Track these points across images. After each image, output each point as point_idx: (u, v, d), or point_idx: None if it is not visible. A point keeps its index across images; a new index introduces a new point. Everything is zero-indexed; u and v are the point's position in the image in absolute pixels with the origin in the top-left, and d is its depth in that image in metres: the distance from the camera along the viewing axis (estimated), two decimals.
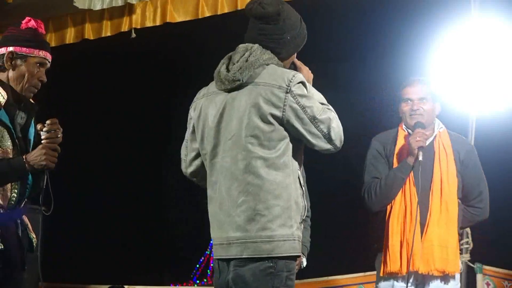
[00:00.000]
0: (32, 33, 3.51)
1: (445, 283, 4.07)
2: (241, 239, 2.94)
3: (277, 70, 3.00)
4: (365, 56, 6.66)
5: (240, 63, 3.02)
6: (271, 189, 2.92)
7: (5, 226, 3.38)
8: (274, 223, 2.91)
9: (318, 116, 2.95)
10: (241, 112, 2.98)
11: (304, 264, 3.98)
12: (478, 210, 4.24)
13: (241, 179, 2.95)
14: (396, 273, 4.03)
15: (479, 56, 5.27)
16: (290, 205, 2.94)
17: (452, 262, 4.04)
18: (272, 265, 2.91)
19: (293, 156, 2.99)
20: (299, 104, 2.94)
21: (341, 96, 6.88)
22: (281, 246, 2.91)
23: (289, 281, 2.95)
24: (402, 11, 6.42)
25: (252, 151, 2.94)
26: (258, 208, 2.92)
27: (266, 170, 2.93)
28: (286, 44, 3.08)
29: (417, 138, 4.03)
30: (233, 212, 2.96)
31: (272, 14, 3.05)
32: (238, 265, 2.96)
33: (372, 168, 4.20)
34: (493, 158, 5.82)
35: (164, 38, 6.80)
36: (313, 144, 2.99)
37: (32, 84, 3.49)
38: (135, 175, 7.89)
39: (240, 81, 2.99)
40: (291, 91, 2.94)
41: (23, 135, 3.46)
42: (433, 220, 4.02)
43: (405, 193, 4.07)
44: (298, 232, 2.99)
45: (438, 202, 4.05)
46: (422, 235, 4.01)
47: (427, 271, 4.01)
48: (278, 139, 2.95)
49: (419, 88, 4.18)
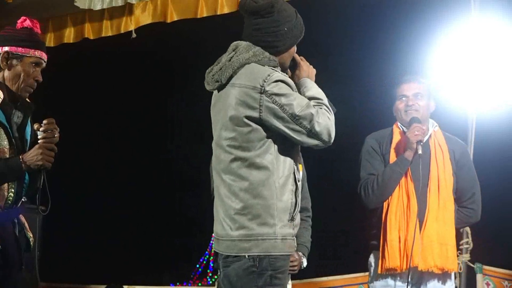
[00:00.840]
0: (28, 32, 3.50)
1: (443, 283, 4.07)
2: (224, 237, 2.98)
3: (254, 69, 2.97)
4: (365, 55, 6.65)
5: (221, 63, 3.03)
6: (250, 188, 2.93)
7: (2, 226, 3.38)
8: (253, 222, 2.91)
9: (299, 113, 2.92)
10: (221, 114, 3.01)
11: (304, 264, 3.98)
12: (471, 211, 4.22)
13: (224, 179, 2.99)
14: (394, 269, 4.00)
15: (479, 55, 5.27)
16: (272, 203, 2.93)
17: (451, 260, 4.04)
18: (254, 263, 2.91)
19: (281, 153, 2.97)
20: (276, 103, 2.92)
21: (340, 93, 6.88)
22: (259, 245, 2.91)
23: (276, 280, 2.93)
24: (402, 10, 6.41)
25: (230, 153, 2.96)
26: (238, 208, 2.93)
27: (244, 170, 2.94)
28: (283, 36, 3.05)
29: (415, 132, 4.01)
30: (219, 210, 3.02)
31: (265, 6, 3.02)
32: (224, 265, 2.99)
33: (367, 164, 4.18)
34: (493, 158, 5.83)
35: (164, 38, 6.80)
36: (298, 140, 2.97)
37: (28, 84, 3.49)
38: (134, 175, 7.89)
39: (219, 82, 3.01)
40: (266, 91, 2.91)
41: (20, 134, 3.46)
42: (431, 216, 4.01)
43: (403, 188, 4.05)
44: (284, 230, 2.96)
45: (436, 198, 4.04)
46: (421, 231, 3.99)
47: (427, 268, 3.99)
48: (258, 139, 2.94)
49: (414, 84, 4.17)
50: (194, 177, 3.11)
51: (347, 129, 6.42)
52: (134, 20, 6.24)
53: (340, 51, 6.74)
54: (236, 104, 2.94)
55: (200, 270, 10.80)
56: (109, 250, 7.75)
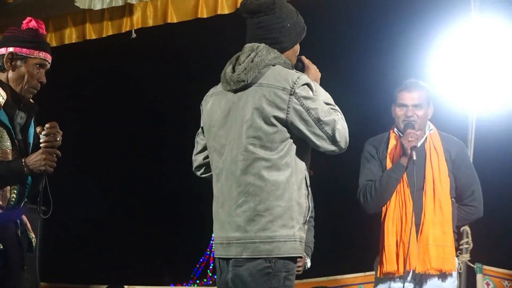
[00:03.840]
0: (33, 33, 3.50)
1: (443, 281, 4.11)
2: (241, 240, 2.94)
3: (282, 71, 2.98)
4: (365, 55, 6.66)
5: (245, 63, 3.01)
6: (272, 189, 2.92)
7: (4, 227, 3.38)
8: (274, 223, 2.91)
9: (323, 118, 2.94)
10: (244, 113, 2.98)
11: (308, 265, 3.99)
12: (472, 209, 4.27)
13: (241, 179, 2.95)
14: (393, 273, 4.06)
15: (479, 56, 5.27)
16: (292, 206, 2.94)
17: (448, 261, 4.08)
18: (270, 265, 2.90)
19: (298, 157, 2.99)
20: (304, 106, 2.93)
21: (342, 96, 6.89)
22: (281, 247, 2.91)
23: (288, 282, 2.94)
24: (402, 11, 6.41)
25: (253, 152, 2.94)
26: (258, 208, 2.92)
27: (267, 171, 2.93)
28: (288, 31, 3.06)
29: (409, 138, 4.06)
30: (233, 212, 2.96)
31: (267, 4, 3.04)
32: (237, 265, 2.96)
33: (366, 171, 4.23)
34: (493, 158, 5.83)
35: (164, 38, 6.80)
36: (317, 145, 2.98)
37: (32, 85, 3.48)
38: (135, 176, 7.89)
39: (245, 82, 2.99)
40: (295, 93, 2.93)
41: (23, 135, 3.46)
42: (427, 221, 4.06)
43: (399, 193, 4.10)
44: (301, 233, 2.97)
45: (432, 202, 4.09)
46: (418, 235, 4.05)
47: (424, 270, 4.05)
48: (281, 140, 2.95)
49: (415, 94, 4.19)
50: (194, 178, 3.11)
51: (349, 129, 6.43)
52: (134, 20, 6.25)
53: (341, 52, 6.74)
54: (265, 104, 2.94)
55: (200, 270, 10.81)
56: (109, 251, 7.76)
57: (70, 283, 7.56)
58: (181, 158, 9.14)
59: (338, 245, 6.75)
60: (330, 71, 6.92)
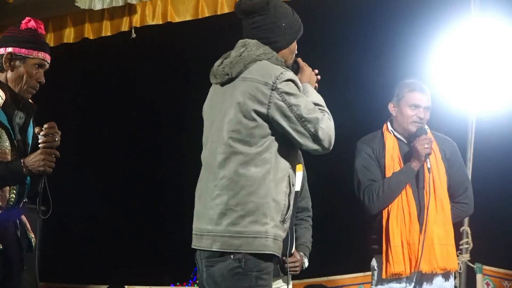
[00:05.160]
0: (32, 34, 3.49)
1: (446, 280, 4.14)
2: (212, 232, 2.93)
3: (267, 66, 2.98)
4: (365, 55, 6.65)
5: (232, 57, 3.03)
6: (247, 184, 2.90)
7: (4, 227, 3.37)
8: (245, 219, 2.89)
9: (305, 115, 2.92)
10: (226, 106, 2.98)
11: (306, 265, 3.98)
12: (465, 206, 4.31)
13: (217, 172, 2.95)
14: (399, 274, 4.07)
15: (479, 56, 5.28)
16: (267, 202, 2.91)
17: (451, 259, 4.12)
18: (240, 264, 2.88)
19: (281, 155, 2.97)
20: (285, 101, 2.92)
21: (341, 94, 6.89)
22: (250, 243, 2.88)
23: (261, 281, 2.91)
24: (402, 11, 6.41)
25: (231, 146, 2.94)
26: (231, 203, 2.90)
27: (243, 165, 2.91)
28: (282, 31, 3.06)
29: (425, 145, 4.05)
30: (208, 205, 2.96)
31: (260, 4, 3.05)
32: (208, 265, 2.96)
33: (366, 171, 4.21)
34: (493, 158, 5.83)
35: (164, 38, 6.80)
36: (300, 143, 2.96)
37: (31, 85, 3.48)
38: (135, 176, 7.89)
39: (229, 76, 3.00)
40: (277, 88, 2.92)
41: (22, 135, 3.45)
42: (431, 220, 4.07)
43: (402, 195, 4.11)
44: (275, 230, 2.94)
45: (434, 201, 4.10)
46: (422, 234, 4.04)
47: (431, 270, 4.07)
48: (261, 135, 2.94)
49: (426, 96, 4.19)
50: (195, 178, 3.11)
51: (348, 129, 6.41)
52: (134, 20, 6.25)
53: (340, 52, 6.74)
54: (246, 98, 2.93)
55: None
56: (110, 251, 7.76)
57: (70, 283, 7.57)
58: (182, 158, 9.16)
59: (337, 245, 6.75)
60: (329, 70, 6.93)
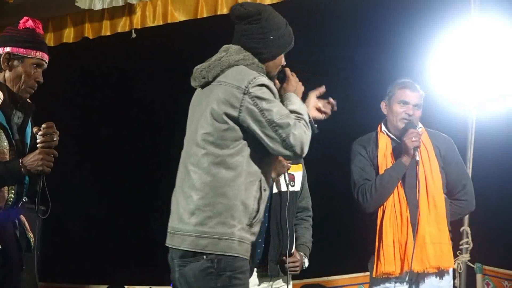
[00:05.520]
0: (30, 33, 3.50)
1: (440, 279, 4.14)
2: (181, 231, 2.98)
3: (243, 70, 3.02)
4: (364, 55, 6.65)
5: (211, 61, 3.08)
6: (217, 186, 2.94)
7: (3, 227, 3.38)
8: (213, 220, 2.92)
9: (277, 120, 2.95)
10: (202, 109, 3.04)
11: (306, 265, 3.99)
12: (464, 203, 4.31)
13: (190, 173, 2.99)
14: (390, 274, 4.08)
15: (479, 55, 5.28)
16: (235, 205, 2.95)
17: (445, 258, 4.11)
18: (212, 265, 2.92)
19: (252, 159, 3.00)
20: (257, 106, 2.95)
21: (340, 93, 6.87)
22: (215, 244, 2.92)
23: (236, 280, 2.94)
24: (402, 11, 6.41)
25: (203, 148, 2.98)
26: (200, 203, 2.94)
27: (215, 167, 2.95)
28: (269, 44, 3.10)
29: (412, 138, 4.07)
30: (180, 204, 3.01)
31: (252, 13, 3.09)
32: (181, 265, 2.99)
33: (360, 170, 4.24)
34: (493, 158, 5.82)
35: (164, 38, 6.80)
36: (271, 147, 2.98)
37: (29, 85, 3.48)
38: (135, 175, 7.89)
39: (205, 79, 3.06)
40: (249, 92, 2.95)
41: (20, 135, 3.46)
42: (423, 219, 4.08)
43: (394, 194, 4.12)
44: (242, 233, 2.97)
45: (425, 200, 4.11)
46: (414, 234, 4.05)
47: (422, 269, 4.07)
48: (233, 139, 2.97)
49: (416, 93, 4.22)
50: None
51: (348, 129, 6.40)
52: (134, 20, 6.25)
53: (340, 52, 6.74)
54: (218, 101, 2.98)
55: None
56: (110, 250, 7.75)
57: (69, 283, 7.57)
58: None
59: (337, 245, 6.75)
60: (330, 71, 6.93)
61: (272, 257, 3.80)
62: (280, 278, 3.87)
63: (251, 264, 3.73)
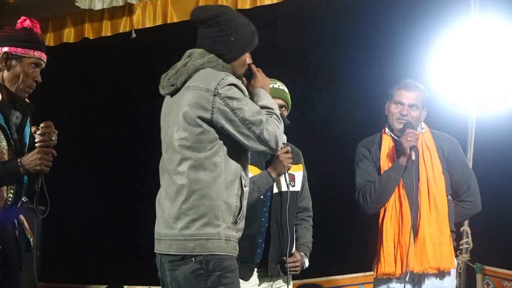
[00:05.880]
0: (28, 33, 3.49)
1: (441, 280, 4.13)
2: (168, 236, 3.03)
3: (210, 73, 3.07)
4: (363, 55, 6.65)
5: (177, 68, 3.13)
6: (198, 189, 2.99)
7: (2, 227, 3.37)
8: (198, 222, 2.98)
9: (249, 118, 3.01)
10: (175, 115, 3.08)
11: (306, 265, 3.99)
12: (470, 204, 4.30)
13: (172, 178, 3.05)
14: (390, 274, 4.08)
15: (479, 56, 5.28)
16: (218, 205, 3.00)
17: (446, 259, 4.10)
18: (201, 266, 2.97)
19: (231, 158, 3.05)
20: (228, 106, 3.00)
21: (342, 96, 6.89)
22: (203, 245, 2.97)
23: (226, 279, 2.99)
24: (402, 11, 6.41)
25: (180, 153, 3.03)
26: (183, 207, 2.99)
27: (193, 170, 3.00)
28: (231, 45, 3.14)
29: (408, 138, 4.07)
30: (165, 210, 3.06)
31: (212, 17, 3.15)
32: (172, 268, 3.03)
33: (362, 172, 4.24)
34: (493, 158, 5.82)
35: (164, 38, 6.79)
36: (247, 145, 3.05)
37: (27, 84, 3.48)
38: (135, 175, 7.89)
39: (174, 86, 3.11)
40: (219, 93, 3.00)
41: (19, 135, 3.45)
42: (423, 220, 4.08)
43: (395, 194, 4.12)
44: (228, 231, 3.02)
45: (427, 201, 4.11)
46: (415, 235, 4.06)
47: (422, 270, 4.07)
48: (209, 141, 3.02)
49: (413, 94, 4.22)
50: None
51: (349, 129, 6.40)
52: (134, 20, 6.25)
53: (340, 52, 6.74)
54: (190, 105, 3.02)
55: None
56: (109, 250, 7.74)
57: (69, 283, 7.56)
58: None
59: (337, 245, 6.74)
60: (330, 71, 6.92)
61: (273, 257, 3.80)
62: (280, 278, 3.87)
63: (251, 264, 3.75)
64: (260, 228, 3.81)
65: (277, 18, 6.50)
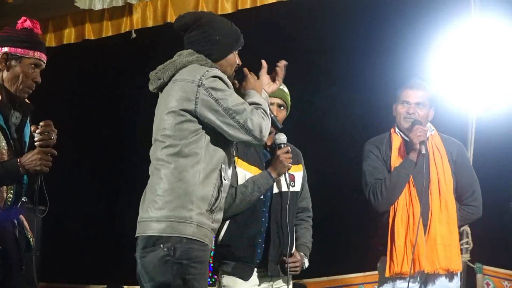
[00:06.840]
0: (28, 33, 3.49)
1: (450, 281, 4.14)
2: (144, 218, 3.09)
3: (196, 67, 3.11)
4: (364, 55, 6.65)
5: (165, 64, 3.19)
6: (175, 172, 3.04)
7: (2, 226, 3.37)
8: (172, 203, 3.02)
9: (233, 107, 3.05)
10: (162, 108, 3.13)
11: (306, 265, 3.98)
12: (473, 209, 4.30)
13: (155, 165, 3.11)
14: (402, 274, 4.07)
15: (479, 56, 5.28)
16: (194, 191, 3.04)
17: (455, 260, 4.11)
18: (169, 253, 2.99)
19: (212, 148, 3.10)
20: (212, 96, 3.05)
21: (343, 94, 6.88)
22: (174, 227, 3.00)
23: (193, 269, 3.00)
24: (402, 11, 6.41)
25: (163, 141, 3.09)
26: (160, 191, 3.05)
27: (172, 156, 3.05)
28: (216, 44, 3.19)
29: (417, 133, 4.09)
30: (146, 194, 3.13)
31: (192, 21, 3.21)
32: (142, 256, 3.07)
33: (372, 170, 4.23)
34: (493, 158, 5.82)
35: (164, 38, 6.80)
36: (230, 135, 3.09)
37: (27, 85, 3.47)
38: (134, 175, 7.89)
39: (161, 80, 3.16)
40: (203, 84, 3.04)
41: (18, 135, 3.45)
42: (434, 220, 4.08)
43: (406, 194, 4.11)
44: (201, 218, 3.04)
45: (438, 201, 4.11)
46: (426, 235, 4.06)
47: (433, 270, 4.07)
48: (191, 131, 3.07)
49: (418, 92, 4.22)
50: None
51: (349, 129, 6.40)
52: (134, 20, 6.25)
53: (340, 52, 6.74)
54: (176, 98, 3.07)
55: None
56: (109, 250, 7.75)
57: (69, 283, 7.56)
58: None
59: (337, 245, 6.75)
60: (331, 71, 6.92)
61: (273, 257, 3.80)
62: (280, 278, 3.87)
63: (251, 264, 3.75)
64: (260, 228, 3.80)
65: (277, 18, 6.51)
